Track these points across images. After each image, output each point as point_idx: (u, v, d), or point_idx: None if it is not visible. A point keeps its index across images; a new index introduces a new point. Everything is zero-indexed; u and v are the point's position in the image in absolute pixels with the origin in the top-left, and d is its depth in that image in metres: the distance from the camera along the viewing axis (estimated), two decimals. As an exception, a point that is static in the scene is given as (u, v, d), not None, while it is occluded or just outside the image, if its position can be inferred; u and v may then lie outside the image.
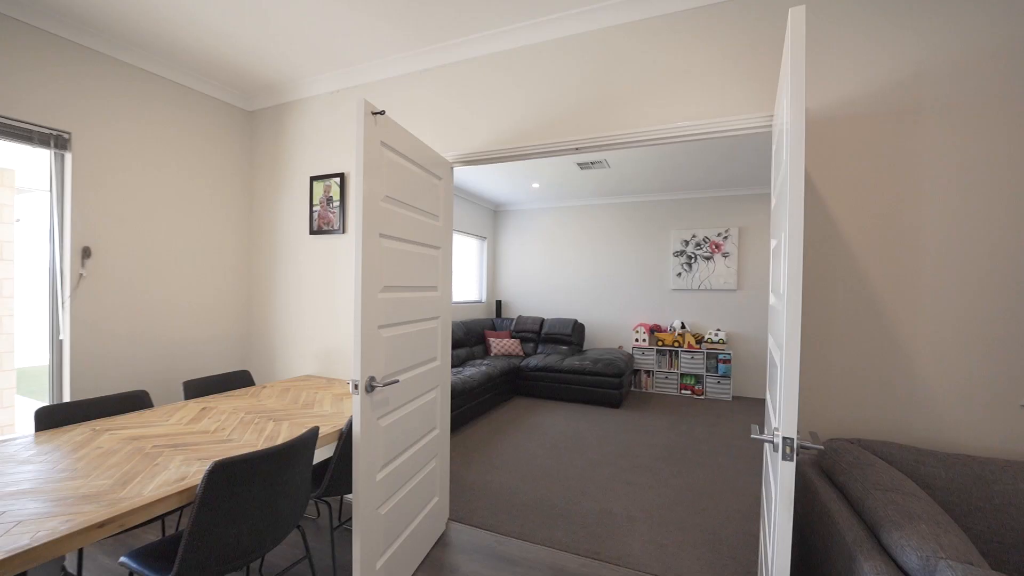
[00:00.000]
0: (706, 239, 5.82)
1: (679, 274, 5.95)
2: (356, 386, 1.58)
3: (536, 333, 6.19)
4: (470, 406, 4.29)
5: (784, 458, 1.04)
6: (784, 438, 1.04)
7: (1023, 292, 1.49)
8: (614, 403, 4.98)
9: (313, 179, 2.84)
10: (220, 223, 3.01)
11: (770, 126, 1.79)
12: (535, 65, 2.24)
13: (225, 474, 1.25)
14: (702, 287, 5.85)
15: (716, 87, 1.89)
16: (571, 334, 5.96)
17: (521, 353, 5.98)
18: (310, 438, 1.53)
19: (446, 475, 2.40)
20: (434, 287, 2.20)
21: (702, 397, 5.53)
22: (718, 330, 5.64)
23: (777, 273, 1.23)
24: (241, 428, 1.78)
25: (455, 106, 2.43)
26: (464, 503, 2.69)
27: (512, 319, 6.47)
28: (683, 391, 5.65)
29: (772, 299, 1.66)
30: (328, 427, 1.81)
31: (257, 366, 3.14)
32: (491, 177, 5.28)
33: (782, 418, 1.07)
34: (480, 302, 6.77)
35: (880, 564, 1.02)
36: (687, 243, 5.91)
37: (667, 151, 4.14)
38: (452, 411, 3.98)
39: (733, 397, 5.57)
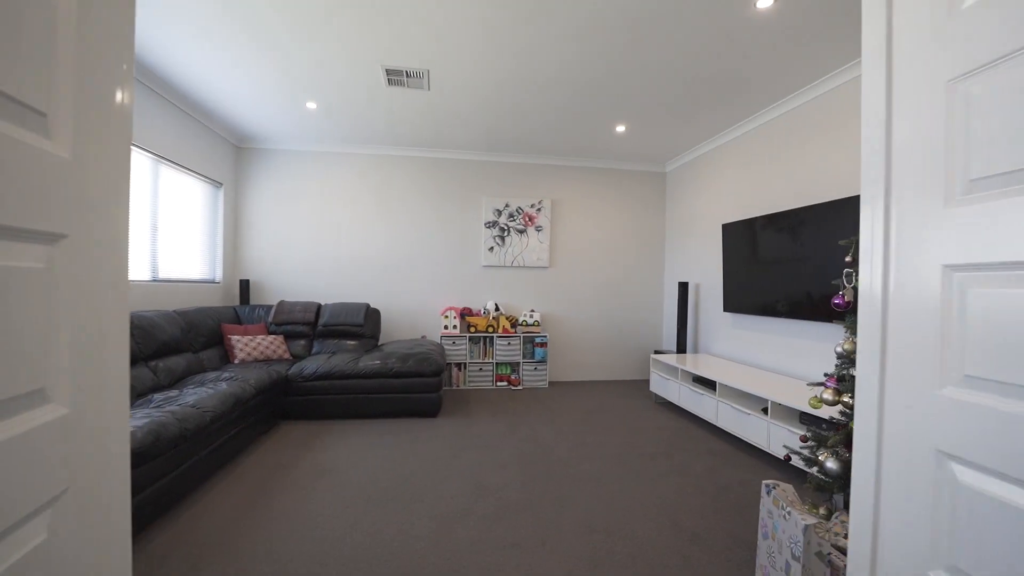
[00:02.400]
0: (520, 210, 5.18)
1: (491, 248, 5.14)
2: None
3: (310, 325, 4.36)
4: (199, 459, 2.35)
5: None
6: None
7: None
8: (431, 411, 3.74)
9: None
10: None
11: None
12: None
13: None
14: (515, 263, 5.19)
15: None
16: (363, 324, 4.39)
17: (287, 356, 4.06)
18: None
19: None
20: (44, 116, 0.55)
21: (519, 388, 4.86)
22: (532, 311, 5.07)
23: None
24: None
25: None
26: None
27: (269, 307, 4.41)
28: (499, 383, 4.87)
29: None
30: None
31: None
32: (235, 74, 3.22)
33: None
34: (213, 282, 4.42)
35: None
36: (500, 213, 5.15)
37: (507, 76, 3.11)
38: (162, 478, 2.00)
39: (549, 383, 5.11)
